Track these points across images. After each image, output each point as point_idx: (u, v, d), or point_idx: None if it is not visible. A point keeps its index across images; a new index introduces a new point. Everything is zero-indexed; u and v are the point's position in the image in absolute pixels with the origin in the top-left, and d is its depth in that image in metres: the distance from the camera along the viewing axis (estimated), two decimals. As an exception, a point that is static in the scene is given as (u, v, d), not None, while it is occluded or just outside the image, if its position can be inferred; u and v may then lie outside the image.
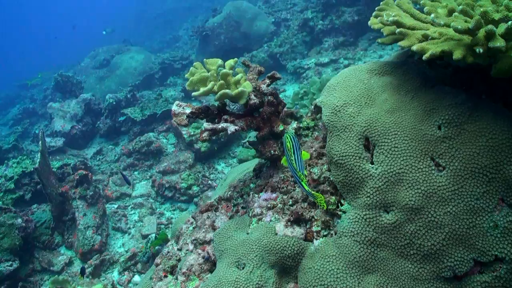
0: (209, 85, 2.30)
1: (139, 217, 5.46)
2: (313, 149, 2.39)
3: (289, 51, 8.98)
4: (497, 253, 1.72)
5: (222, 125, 2.28)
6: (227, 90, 2.28)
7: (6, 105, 15.82)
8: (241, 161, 5.66)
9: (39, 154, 4.94)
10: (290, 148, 1.91)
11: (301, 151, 1.93)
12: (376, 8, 2.23)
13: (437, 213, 1.80)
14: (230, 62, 2.57)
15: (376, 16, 2.14)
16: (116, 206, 5.79)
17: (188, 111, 2.38)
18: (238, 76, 2.40)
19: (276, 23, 10.31)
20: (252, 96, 2.40)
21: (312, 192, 1.89)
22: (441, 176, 1.83)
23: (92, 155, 7.88)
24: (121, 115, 8.11)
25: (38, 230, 5.16)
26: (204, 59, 2.59)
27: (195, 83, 2.38)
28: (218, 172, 5.82)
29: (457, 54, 1.70)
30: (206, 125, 2.28)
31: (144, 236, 4.99)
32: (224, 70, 2.38)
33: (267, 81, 2.52)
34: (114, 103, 8.24)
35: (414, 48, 1.79)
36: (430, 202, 1.81)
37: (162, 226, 5.30)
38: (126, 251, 4.92)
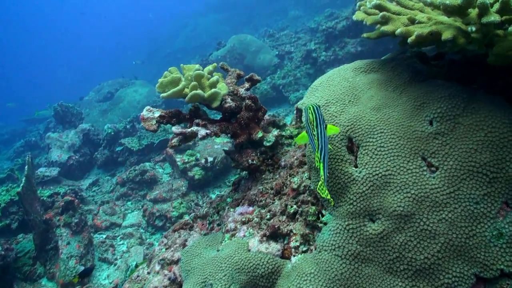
0: (180, 85, 2.09)
1: (127, 248, 5.16)
2: (295, 157, 2.15)
3: (292, 82, 8.86)
4: (503, 267, 1.43)
5: (192, 128, 2.05)
6: (198, 91, 2.07)
7: (12, 140, 15.83)
8: (232, 168, 5.40)
9: (24, 179, 4.73)
10: (313, 121, 1.61)
11: (325, 125, 1.63)
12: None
13: (430, 221, 1.53)
14: (209, 67, 2.38)
15: (360, 8, 1.94)
16: (104, 236, 5.50)
17: (157, 115, 2.16)
18: (214, 78, 2.20)
19: (280, 55, 10.26)
20: (228, 100, 2.19)
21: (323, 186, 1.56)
22: (434, 177, 1.57)
23: (87, 186, 7.66)
24: (119, 145, 7.94)
25: (20, 260, 4.88)
26: (181, 64, 2.40)
27: (166, 84, 2.18)
28: (213, 201, 5.57)
29: (447, 34, 1.48)
30: (174, 129, 2.06)
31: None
32: (198, 71, 2.18)
33: (246, 84, 2.31)
34: (113, 133, 8.10)
35: (398, 31, 1.58)
36: (422, 207, 1.55)
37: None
38: (110, 283, 4.60)
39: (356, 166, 1.74)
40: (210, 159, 5.71)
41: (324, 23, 8.82)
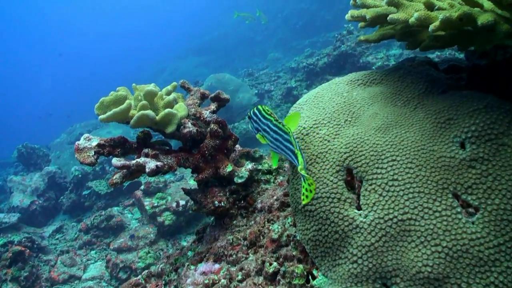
0: (125, 104, 1.60)
1: (86, 306, 4.48)
2: (274, 197, 1.65)
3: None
4: None
5: (138, 160, 1.55)
6: (147, 111, 1.59)
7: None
8: (193, 212, 4.82)
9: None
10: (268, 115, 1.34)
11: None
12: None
13: (474, 287, 1.03)
14: (167, 87, 1.91)
15: (356, 2, 1.50)
16: (61, 291, 4.82)
17: (95, 143, 1.65)
18: (169, 97, 1.72)
19: (259, 94, 9.90)
20: (188, 124, 1.71)
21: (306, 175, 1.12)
22: (473, 222, 1.08)
23: (50, 233, 6.97)
24: (87, 189, 7.32)
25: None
26: (133, 84, 1.93)
27: (107, 105, 1.69)
28: (185, 250, 4.97)
29: (486, 17, 1.04)
30: (115, 161, 1.55)
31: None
32: (149, 88, 1.70)
33: (212, 106, 1.83)
34: (80, 176, 7.48)
35: (416, 15, 1.13)
36: (459, 267, 1.05)
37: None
38: None
39: (359, 208, 1.26)
40: (182, 202, 5.14)
41: (305, 60, 8.56)
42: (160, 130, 1.70)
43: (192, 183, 5.67)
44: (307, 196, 1.10)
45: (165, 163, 1.60)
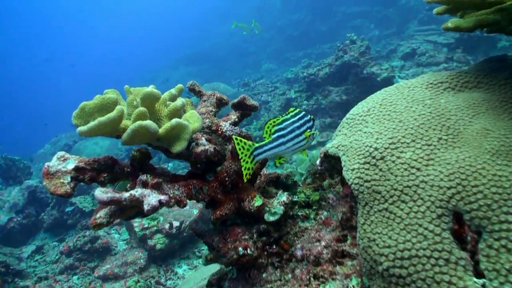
0: (114, 112, 1.13)
1: None
2: (322, 243, 1.19)
3: (271, 135, 8.00)
4: None
5: (134, 192, 1.07)
6: (146, 122, 1.12)
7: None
8: (208, 262, 4.32)
9: None
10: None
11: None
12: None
13: None
14: (171, 90, 1.44)
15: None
16: (37, 326, 4.27)
17: (71, 166, 1.18)
18: (177, 103, 1.25)
19: (256, 106, 9.46)
20: (202, 140, 1.24)
21: None
22: None
23: (29, 253, 6.39)
24: (70, 205, 6.77)
25: None
26: (126, 86, 1.47)
27: (90, 112, 1.22)
28: (178, 277, 4.41)
29: None
30: (99, 192, 1.08)
31: None
32: (148, 90, 1.23)
33: (233, 116, 1.37)
34: (64, 191, 6.93)
35: None
36: None
37: None
38: None
39: (479, 274, 0.80)
40: (176, 223, 4.62)
41: (305, 70, 8.15)
42: (162, 148, 1.23)
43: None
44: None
45: (171, 195, 1.12)
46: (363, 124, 1.12)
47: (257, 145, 1.13)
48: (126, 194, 1.07)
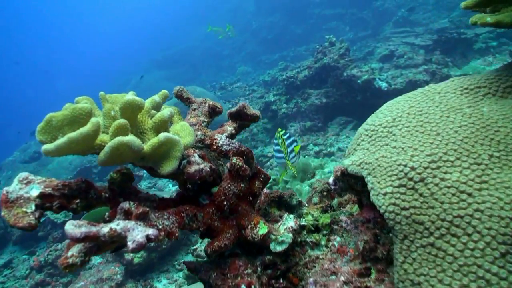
0: (88, 126, 0.92)
1: None
2: (341, 278, 1.00)
3: (248, 139, 7.82)
4: None
5: (113, 226, 0.86)
6: (129, 138, 0.91)
7: None
8: (189, 277, 4.07)
9: None
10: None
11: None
12: None
13: None
14: (154, 97, 1.24)
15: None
16: None
17: (35, 193, 0.96)
18: (164, 114, 1.05)
19: (233, 109, 9.25)
20: (195, 157, 1.04)
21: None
22: None
23: (-3, 269, 6.04)
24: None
25: None
26: (101, 93, 1.26)
27: (58, 126, 1.01)
28: (158, 293, 4.16)
29: None
30: (71, 226, 0.87)
31: None
32: (129, 98, 1.03)
33: (229, 127, 1.17)
34: (33, 201, 6.58)
35: None
36: None
37: None
38: None
39: None
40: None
41: (283, 73, 8.01)
42: (148, 167, 1.03)
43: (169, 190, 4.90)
44: None
45: (161, 227, 0.92)
46: (389, 137, 0.94)
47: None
48: (105, 229, 0.86)
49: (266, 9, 18.12)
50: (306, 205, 1.28)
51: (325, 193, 1.28)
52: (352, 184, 1.02)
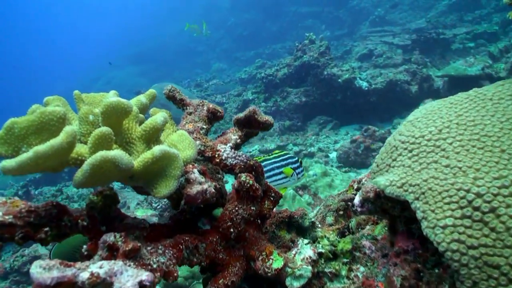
0: (62, 136, 0.71)
1: None
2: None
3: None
4: None
5: (96, 270, 0.65)
6: (115, 154, 0.70)
7: None
8: None
9: None
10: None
11: None
12: None
13: None
14: (139, 97, 1.04)
15: None
16: None
17: (-8, 220, 0.75)
18: (157, 119, 0.85)
19: (210, 107, 9.01)
20: (195, 174, 0.84)
21: None
22: None
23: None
24: (4, 219, 6.06)
25: None
26: (76, 92, 1.05)
27: (22, 135, 0.79)
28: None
29: None
30: (38, 270, 0.66)
31: None
32: (113, 100, 0.82)
33: (233, 136, 0.98)
34: (-2, 203, 6.20)
35: None
36: None
37: None
38: None
39: None
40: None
41: (262, 70, 7.83)
42: (137, 186, 0.82)
43: (139, 214, 4.65)
44: None
45: (156, 267, 0.72)
46: (438, 152, 0.76)
47: None
48: (84, 274, 0.65)
49: (241, 5, 17.91)
50: (319, 225, 1.10)
51: (341, 212, 1.10)
52: (387, 208, 0.84)
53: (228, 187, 0.91)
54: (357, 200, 0.91)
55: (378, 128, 5.31)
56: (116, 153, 0.70)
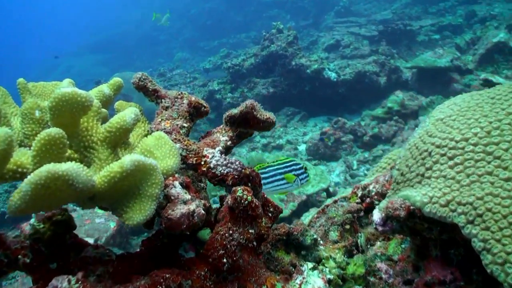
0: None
1: None
2: None
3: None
4: None
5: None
6: (68, 167, 0.48)
7: None
8: None
9: None
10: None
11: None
12: None
13: None
14: (102, 88, 0.82)
15: None
16: None
17: None
18: (126, 115, 0.63)
19: (174, 98, 8.70)
20: (177, 189, 0.63)
21: None
22: None
23: None
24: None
25: None
26: (21, 80, 0.81)
27: None
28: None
29: None
30: None
31: None
32: (67, 91, 0.59)
33: (223, 138, 0.78)
34: None
35: None
36: None
37: None
38: None
39: None
40: (90, 241, 3.87)
41: (228, 60, 7.60)
42: (103, 205, 0.61)
43: (101, 212, 4.35)
44: None
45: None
46: (491, 161, 0.59)
47: None
48: None
49: (204, -6, 17.54)
50: (321, 242, 0.92)
51: (347, 226, 0.93)
52: (421, 229, 0.67)
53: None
54: (376, 216, 0.73)
55: (347, 120, 5.22)
56: (69, 167, 0.50)
